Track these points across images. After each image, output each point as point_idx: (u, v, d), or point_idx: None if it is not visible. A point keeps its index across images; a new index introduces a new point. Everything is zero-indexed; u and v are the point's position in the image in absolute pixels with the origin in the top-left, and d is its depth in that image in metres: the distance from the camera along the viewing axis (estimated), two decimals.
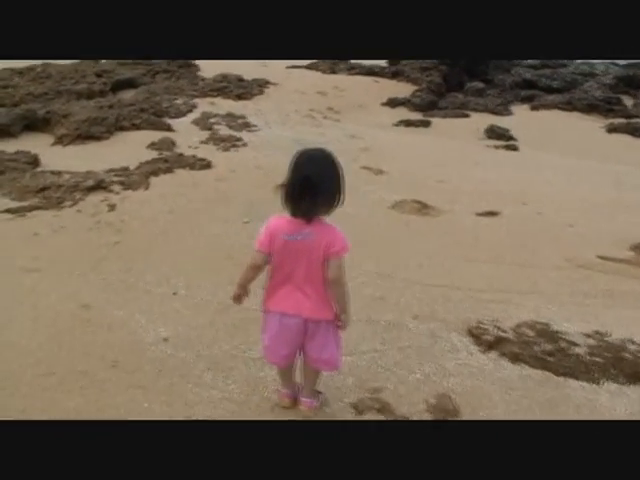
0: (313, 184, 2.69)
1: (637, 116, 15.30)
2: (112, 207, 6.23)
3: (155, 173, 7.39)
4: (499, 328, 4.16)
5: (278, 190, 2.88)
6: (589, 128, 14.23)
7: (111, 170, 7.37)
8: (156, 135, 9.48)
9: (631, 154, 11.78)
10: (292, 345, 3.01)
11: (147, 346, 3.83)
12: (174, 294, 4.52)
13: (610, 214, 6.99)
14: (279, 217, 2.86)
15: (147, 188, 6.92)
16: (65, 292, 4.43)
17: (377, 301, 4.60)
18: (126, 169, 7.53)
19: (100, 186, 6.62)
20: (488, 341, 4.02)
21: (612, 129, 13.85)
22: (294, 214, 2.79)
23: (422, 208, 7.02)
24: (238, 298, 3.09)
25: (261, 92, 14.74)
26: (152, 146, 8.87)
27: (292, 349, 3.04)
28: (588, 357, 3.84)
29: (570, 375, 3.74)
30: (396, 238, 5.99)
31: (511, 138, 12.74)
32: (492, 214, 6.95)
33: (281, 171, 2.93)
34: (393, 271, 5.16)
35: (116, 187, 6.81)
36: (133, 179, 7.03)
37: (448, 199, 7.42)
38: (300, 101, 14.47)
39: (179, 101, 12.26)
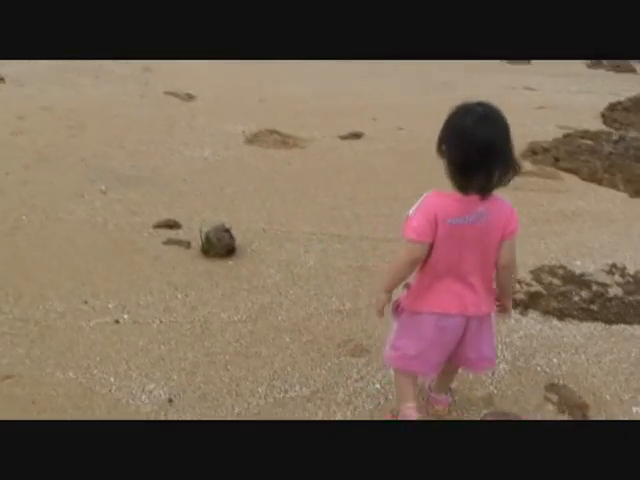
0: (495, 151, 2.07)
1: None
2: None
3: None
4: (519, 281, 3.66)
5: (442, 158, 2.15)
6: None
7: None
8: None
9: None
10: (448, 350, 2.38)
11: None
12: (117, 322, 3.21)
13: None
14: (440, 194, 2.17)
15: None
16: None
17: (361, 271, 3.79)
18: None
19: None
20: (523, 300, 3.52)
21: None
22: (465, 190, 2.11)
23: (282, 139, 6.12)
24: (383, 309, 2.34)
25: None
26: None
27: (447, 355, 2.41)
28: (630, 297, 3.55)
29: (623, 321, 3.42)
30: (297, 184, 5.09)
31: None
32: (356, 136, 6.31)
33: (77, 111, 1.97)
34: (337, 229, 4.32)
35: None
36: None
37: (293, 123, 6.60)
38: None
39: None
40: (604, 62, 11.59)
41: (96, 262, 3.73)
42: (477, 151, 2.03)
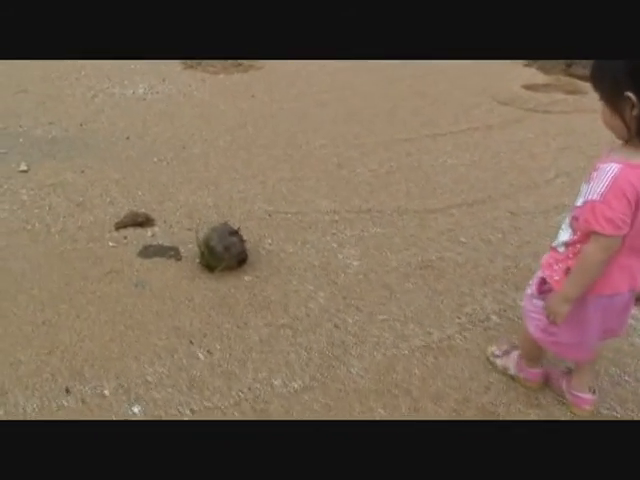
0: None
1: None
2: None
3: None
4: None
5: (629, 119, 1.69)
6: None
7: None
8: None
9: None
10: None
11: None
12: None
13: None
14: (631, 165, 1.72)
15: None
16: None
17: (426, 271, 2.83)
18: None
19: None
20: None
21: None
22: None
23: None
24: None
25: None
26: None
27: None
28: None
29: None
30: (277, 128, 3.94)
31: None
32: None
33: None
34: (362, 200, 3.29)
35: None
36: None
37: None
38: None
39: None
40: None
41: (54, 306, 2.55)
42: None
